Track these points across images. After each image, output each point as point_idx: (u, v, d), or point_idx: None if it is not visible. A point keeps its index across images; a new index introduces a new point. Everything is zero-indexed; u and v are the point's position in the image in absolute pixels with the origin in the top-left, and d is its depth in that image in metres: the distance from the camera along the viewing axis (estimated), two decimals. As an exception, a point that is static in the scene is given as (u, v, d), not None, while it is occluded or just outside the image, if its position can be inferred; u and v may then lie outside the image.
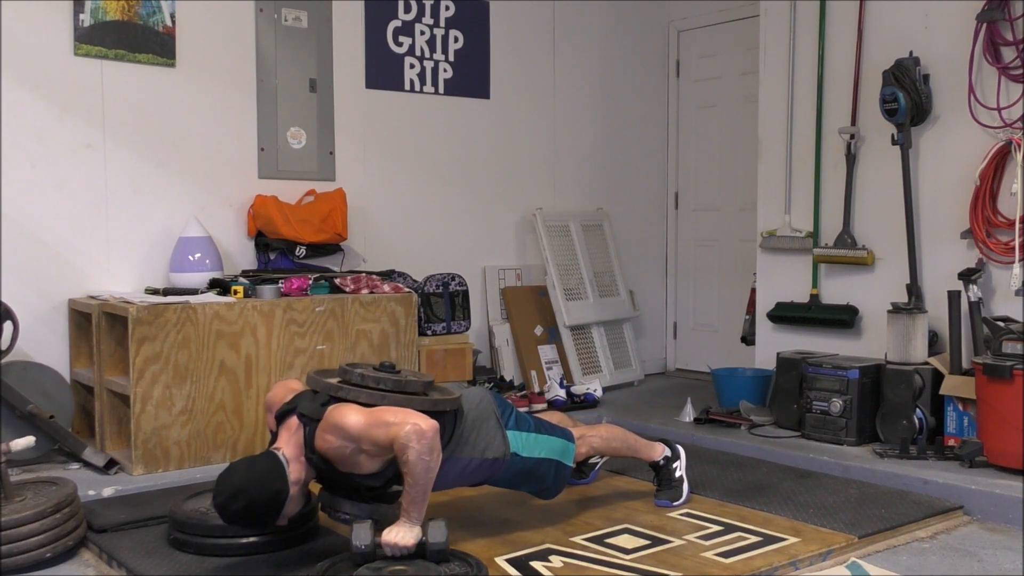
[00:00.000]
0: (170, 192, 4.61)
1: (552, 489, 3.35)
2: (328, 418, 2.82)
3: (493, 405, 3.18)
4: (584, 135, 6.23)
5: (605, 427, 3.68)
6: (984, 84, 4.34)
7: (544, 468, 3.25)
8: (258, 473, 2.83)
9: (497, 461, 3.12)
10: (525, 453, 3.18)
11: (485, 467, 3.11)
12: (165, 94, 4.57)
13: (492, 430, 3.12)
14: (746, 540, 3.19)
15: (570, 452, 3.34)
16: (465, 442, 3.06)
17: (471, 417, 3.10)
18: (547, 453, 3.25)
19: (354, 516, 2.89)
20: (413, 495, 2.78)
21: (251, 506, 2.80)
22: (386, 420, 2.78)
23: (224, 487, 2.81)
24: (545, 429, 3.30)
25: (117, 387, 4.04)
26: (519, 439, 3.18)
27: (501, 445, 3.12)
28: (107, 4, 4.36)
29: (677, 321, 6.67)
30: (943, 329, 4.34)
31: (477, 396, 3.20)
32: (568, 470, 3.35)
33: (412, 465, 2.74)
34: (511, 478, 3.22)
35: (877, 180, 4.76)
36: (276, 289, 4.36)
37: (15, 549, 2.93)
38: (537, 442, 3.23)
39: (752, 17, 5.70)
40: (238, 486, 2.79)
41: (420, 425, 2.75)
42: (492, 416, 3.14)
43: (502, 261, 5.87)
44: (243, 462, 2.91)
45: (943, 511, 3.55)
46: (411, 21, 5.38)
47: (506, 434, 3.15)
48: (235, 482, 2.80)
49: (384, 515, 2.89)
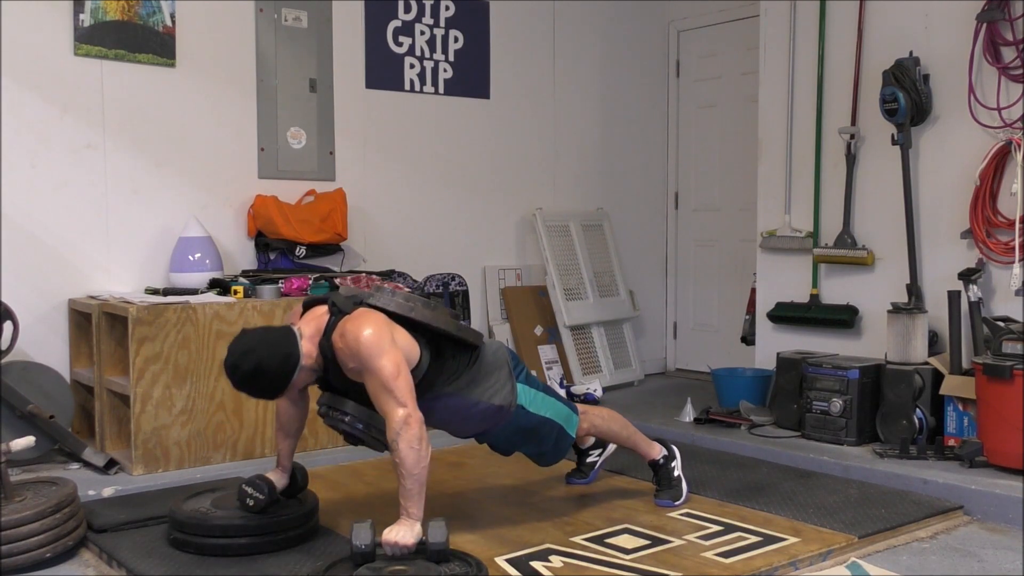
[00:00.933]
0: (170, 192, 4.61)
1: (551, 454, 3.37)
2: (353, 316, 2.88)
3: (508, 357, 3.23)
4: (584, 135, 6.23)
5: (607, 409, 3.68)
6: (984, 84, 4.34)
7: (546, 429, 3.28)
8: (271, 336, 2.90)
9: (502, 409, 3.15)
10: (531, 408, 3.22)
11: (491, 414, 3.14)
12: (165, 94, 4.57)
13: (503, 379, 3.16)
14: (746, 540, 3.18)
15: (573, 422, 3.37)
16: (476, 384, 3.10)
17: (487, 361, 3.15)
18: (551, 414, 3.28)
19: (353, 420, 2.92)
20: (408, 488, 2.78)
21: (261, 367, 2.83)
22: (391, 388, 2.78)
23: (236, 347, 2.87)
24: (553, 394, 3.36)
25: (117, 387, 4.04)
26: (527, 394, 3.23)
27: (509, 395, 3.16)
28: (107, 4, 4.36)
29: (677, 321, 6.67)
30: (943, 329, 4.34)
31: (495, 345, 3.25)
32: (569, 440, 3.37)
33: (403, 455, 2.75)
34: (512, 434, 3.25)
35: (877, 180, 4.76)
36: (276, 289, 4.36)
37: (15, 549, 2.93)
38: (544, 402, 3.28)
39: (752, 17, 5.70)
40: (249, 345, 2.85)
41: (412, 414, 2.77)
42: (505, 366, 3.19)
43: (502, 261, 5.87)
44: (256, 328, 2.98)
45: (943, 511, 3.55)
46: (411, 21, 5.38)
47: (516, 386, 3.19)
48: (247, 342, 2.87)
49: (380, 425, 2.88)
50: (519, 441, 3.30)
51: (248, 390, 2.94)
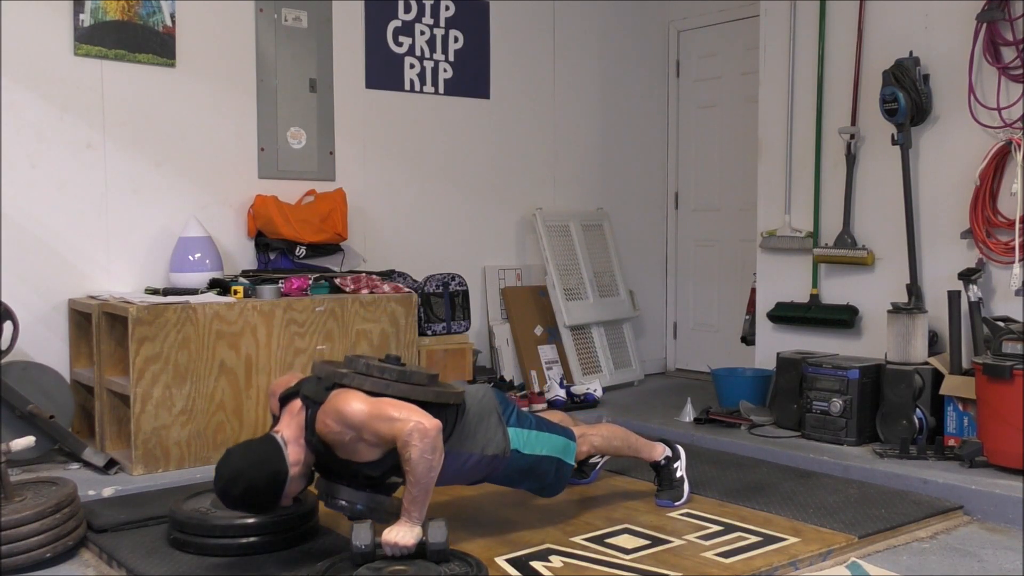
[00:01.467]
0: (170, 192, 4.61)
1: (553, 487, 3.34)
2: (331, 402, 2.83)
3: (495, 402, 3.18)
4: (584, 135, 6.23)
5: (606, 426, 3.68)
6: (984, 84, 4.34)
7: (545, 466, 3.25)
8: (255, 456, 2.85)
9: (497, 458, 3.11)
10: (526, 450, 3.18)
11: (484, 464, 3.11)
12: (165, 94, 4.57)
13: (493, 426, 3.11)
14: (746, 540, 3.18)
15: (571, 450, 3.33)
16: (466, 437, 3.05)
17: (473, 413, 3.09)
18: (548, 451, 3.24)
19: (351, 504, 2.89)
20: (414, 494, 2.77)
21: (251, 489, 2.81)
22: (390, 415, 2.77)
23: (223, 472, 2.83)
24: (546, 427, 3.30)
25: (117, 387, 4.04)
26: (520, 436, 3.18)
27: (501, 442, 3.12)
28: (107, 4, 4.36)
29: (677, 321, 6.67)
30: (943, 329, 4.34)
31: (480, 392, 3.20)
32: (569, 468, 3.34)
33: (414, 464, 2.74)
34: (511, 475, 3.22)
35: (877, 180, 4.76)
36: (276, 289, 4.36)
37: (15, 549, 2.93)
38: (538, 440, 3.22)
39: (752, 17, 5.70)
40: (236, 469, 2.81)
41: (423, 423, 2.75)
42: (494, 412, 3.14)
43: (502, 261, 5.87)
44: (240, 446, 2.93)
45: (943, 511, 3.55)
46: (411, 21, 5.38)
47: (507, 431, 3.14)
48: (233, 466, 2.82)
49: (381, 504, 2.89)
50: (520, 480, 3.27)
51: (243, 510, 2.94)
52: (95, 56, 4.36)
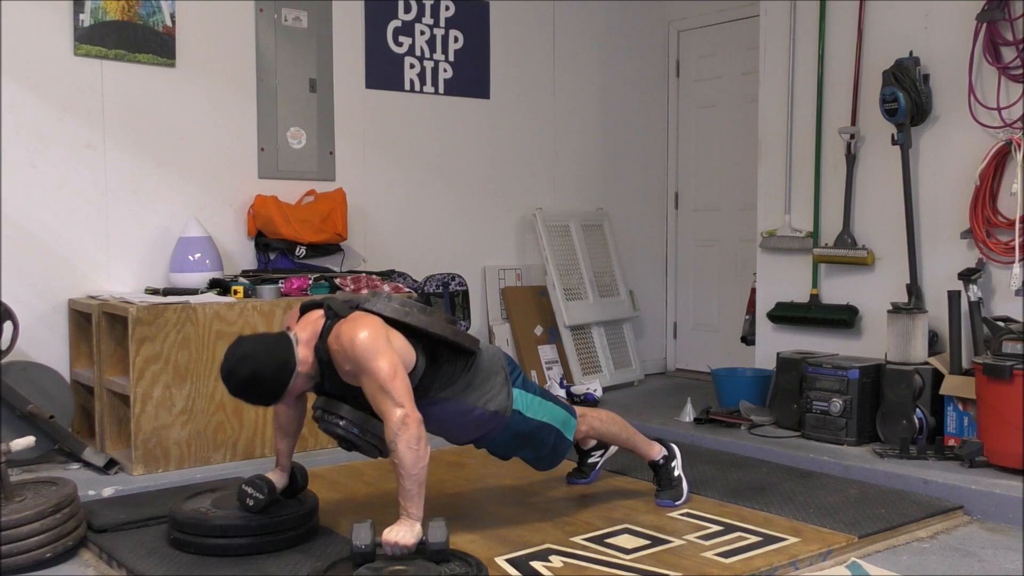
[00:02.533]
0: (170, 192, 4.61)
1: (549, 459, 3.36)
2: (349, 320, 2.87)
3: (504, 362, 3.23)
4: (584, 135, 6.23)
5: (605, 411, 3.68)
6: (984, 84, 4.34)
7: (544, 434, 3.27)
8: (266, 343, 2.90)
9: (498, 415, 3.14)
10: (528, 413, 3.22)
11: (485, 419, 3.13)
12: (165, 94, 4.57)
13: (499, 384, 3.15)
14: (746, 540, 3.18)
15: (571, 425, 3.37)
16: (472, 389, 3.10)
17: (483, 367, 3.14)
18: (549, 419, 3.28)
19: (348, 425, 2.91)
20: (407, 489, 2.78)
21: (257, 374, 2.83)
22: (386, 385, 2.77)
23: (232, 354, 2.87)
24: (550, 398, 3.35)
25: (117, 387, 4.04)
26: (524, 399, 3.22)
27: (505, 400, 3.15)
28: (107, 4, 4.36)
29: (677, 321, 6.67)
30: (943, 329, 4.34)
31: (491, 350, 3.25)
32: (567, 444, 3.37)
33: (402, 455, 2.75)
34: (510, 440, 3.24)
35: (877, 180, 4.76)
36: (276, 289, 4.36)
37: (15, 549, 2.93)
38: (541, 406, 3.27)
39: (752, 17, 5.70)
40: (246, 352, 2.85)
41: (411, 414, 2.77)
42: (501, 372, 3.18)
43: (502, 261, 5.87)
44: (251, 335, 2.98)
45: (943, 511, 3.55)
46: (411, 21, 5.38)
47: (512, 391, 3.18)
48: (243, 349, 2.87)
49: (375, 429, 2.88)
50: (516, 446, 3.30)
51: (244, 397, 2.95)
52: (95, 56, 4.36)
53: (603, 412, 3.65)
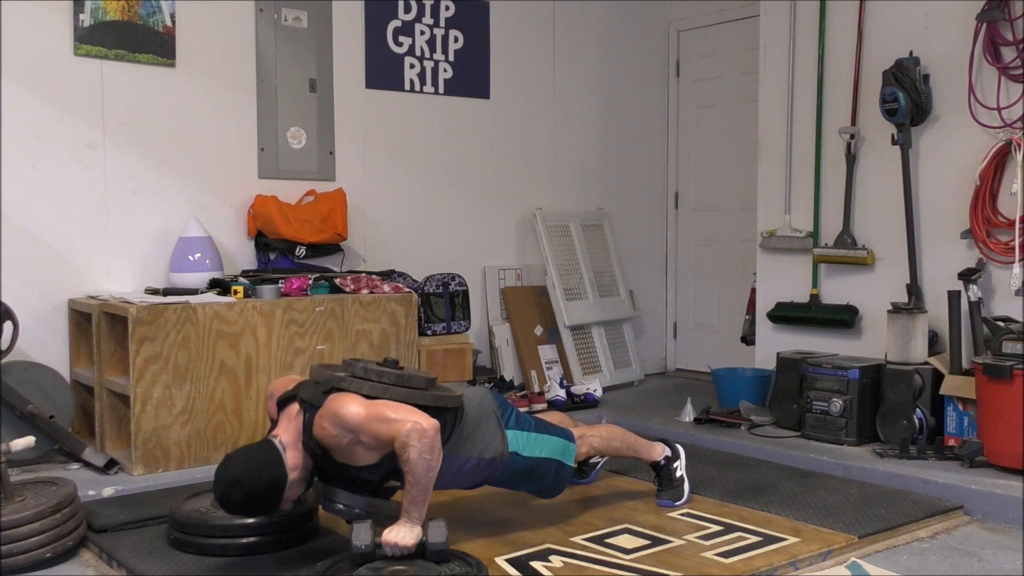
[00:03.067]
0: (170, 192, 4.61)
1: (552, 489, 3.34)
2: (328, 405, 2.82)
3: (494, 405, 3.18)
4: (584, 135, 6.23)
5: (605, 427, 3.68)
6: (984, 84, 4.34)
7: (544, 468, 3.25)
8: (254, 461, 2.84)
9: (495, 461, 3.11)
10: (525, 452, 3.18)
11: (483, 467, 3.11)
12: (165, 94, 4.57)
13: (492, 430, 3.11)
14: (746, 540, 3.18)
15: (571, 452, 3.33)
16: (464, 441, 3.05)
17: (471, 416, 3.09)
18: (547, 453, 3.24)
19: (349, 508, 2.89)
20: (414, 494, 2.77)
21: (251, 494, 2.81)
22: (387, 416, 2.77)
23: (222, 478, 2.83)
24: (545, 429, 3.29)
25: (117, 387, 4.04)
26: (519, 438, 3.17)
27: (500, 445, 3.11)
28: (107, 4, 4.36)
29: (677, 321, 6.67)
30: (943, 329, 4.34)
31: (478, 395, 3.19)
32: (569, 470, 3.34)
33: (413, 464, 2.74)
34: (511, 477, 3.22)
35: (877, 180, 4.76)
36: (276, 289, 4.36)
37: (15, 549, 2.93)
38: (537, 441, 3.22)
39: (752, 17, 5.70)
40: (235, 476, 2.81)
41: (421, 424, 2.75)
42: (492, 416, 3.14)
43: (502, 261, 5.87)
44: (239, 452, 2.91)
45: (943, 511, 3.55)
46: (411, 21, 5.38)
47: (506, 434, 3.14)
48: (232, 472, 2.82)
49: (379, 508, 2.89)
50: (519, 482, 3.27)
51: (243, 515, 2.96)
52: (95, 56, 4.36)
53: (602, 428, 3.63)
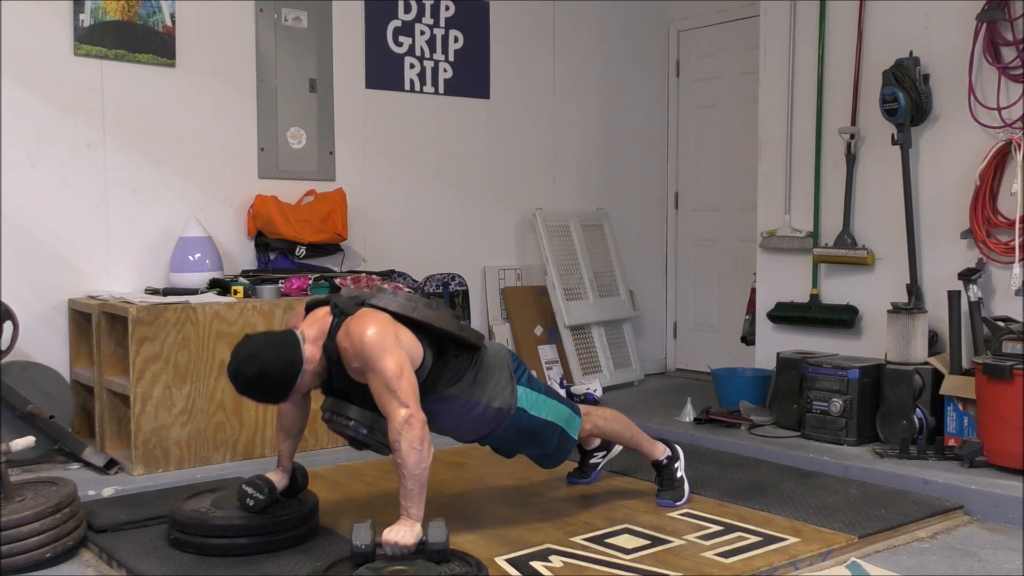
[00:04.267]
0: (170, 192, 4.61)
1: (554, 456, 3.37)
2: (356, 317, 2.87)
3: (509, 359, 3.23)
4: (584, 135, 6.23)
5: (610, 410, 3.67)
6: (984, 84, 4.34)
7: (548, 432, 3.28)
8: (274, 341, 2.89)
9: (502, 412, 3.14)
10: (532, 411, 3.22)
11: (490, 416, 3.13)
12: (165, 94, 4.57)
13: (503, 381, 3.16)
14: (746, 540, 3.18)
15: (575, 424, 3.37)
16: (476, 386, 3.10)
17: (488, 364, 3.14)
18: (553, 417, 3.28)
19: (357, 424, 2.91)
20: (409, 489, 2.78)
21: (264, 372, 2.83)
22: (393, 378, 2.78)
23: (239, 352, 2.86)
24: (554, 396, 3.35)
25: (117, 387, 4.04)
26: (528, 396, 3.22)
27: (509, 397, 3.15)
28: (107, 4, 4.36)
29: (677, 321, 6.67)
30: (943, 329, 4.34)
31: (495, 346, 3.26)
32: (572, 442, 3.38)
33: (405, 455, 2.76)
34: (514, 436, 3.25)
35: (877, 180, 4.76)
36: (276, 289, 4.36)
37: (15, 549, 2.93)
38: (546, 404, 3.27)
39: (752, 17, 5.70)
40: (252, 351, 2.84)
41: (415, 415, 2.77)
42: (506, 368, 3.19)
43: (502, 261, 5.87)
44: (259, 334, 2.97)
45: (943, 511, 3.55)
46: (411, 21, 5.38)
47: (516, 388, 3.18)
48: (250, 347, 2.86)
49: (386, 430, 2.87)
50: (521, 443, 3.31)
51: (251, 395, 2.94)
52: (95, 56, 4.36)
53: (608, 411, 3.64)
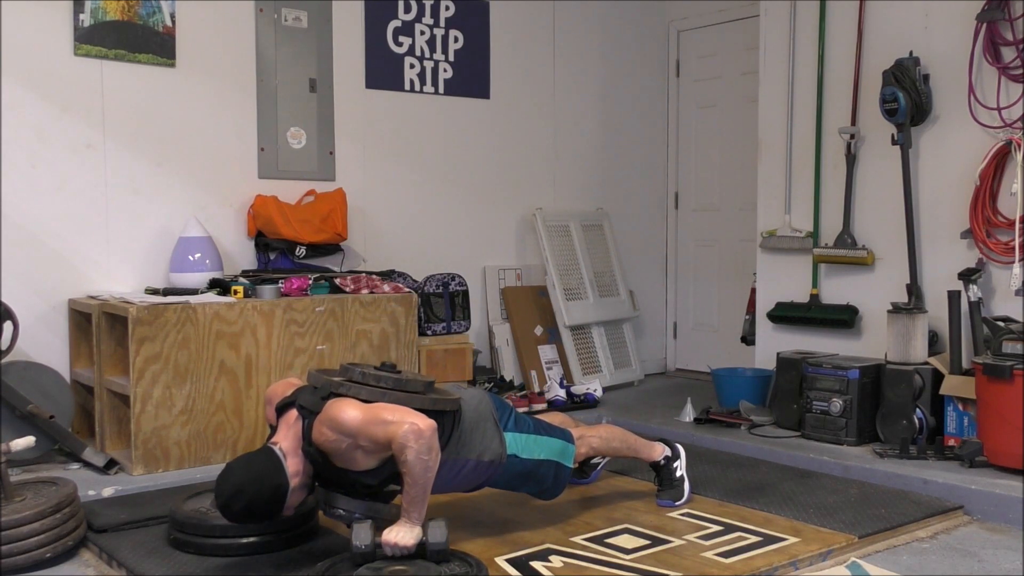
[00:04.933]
0: (170, 192, 4.61)
1: (552, 490, 3.34)
2: (327, 411, 2.81)
3: (491, 407, 3.17)
4: (584, 135, 6.23)
5: (605, 427, 3.67)
6: (984, 84, 4.34)
7: (544, 469, 3.25)
8: (256, 470, 2.84)
9: (494, 464, 3.11)
10: (524, 455, 3.18)
11: (482, 470, 3.11)
12: (165, 94, 4.57)
13: (490, 432, 3.11)
14: (746, 540, 3.19)
15: (570, 453, 3.33)
16: (463, 444, 3.04)
17: (469, 419, 3.08)
18: (546, 454, 3.24)
19: (349, 513, 2.88)
20: (413, 495, 2.77)
21: (253, 504, 2.80)
22: (384, 418, 2.77)
23: (224, 488, 2.82)
24: (544, 430, 3.29)
25: (117, 387, 4.04)
26: (518, 440, 3.17)
27: (498, 448, 3.11)
28: (107, 4, 4.36)
29: (677, 321, 6.67)
30: (943, 329, 4.34)
31: (476, 398, 3.19)
32: (568, 471, 3.34)
33: (411, 465, 2.74)
34: (510, 480, 3.22)
35: (877, 180, 4.76)
36: (276, 289, 4.36)
37: (15, 549, 2.93)
38: (536, 443, 3.22)
39: (752, 17, 5.70)
40: (237, 486, 2.80)
41: (418, 424, 2.75)
42: (490, 418, 3.13)
43: (502, 261, 5.87)
44: (240, 460, 2.91)
45: (943, 511, 3.55)
46: (411, 21, 5.38)
47: (504, 437, 3.14)
48: (234, 482, 2.81)
49: (379, 513, 2.89)
50: (519, 484, 3.27)
51: (245, 523, 2.94)
52: (95, 56, 4.36)
53: (602, 428, 3.63)
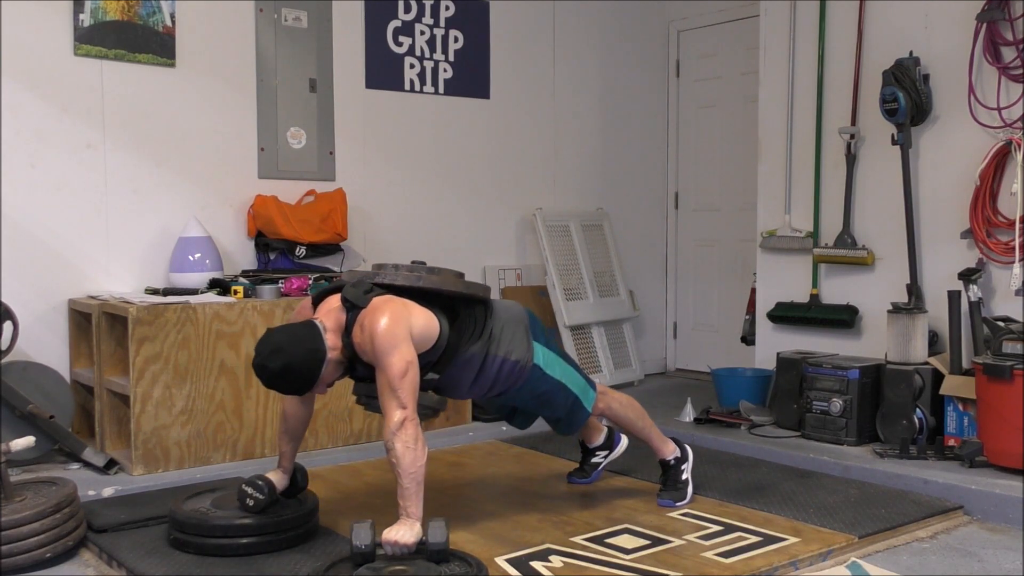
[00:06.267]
0: (170, 192, 4.61)
1: (565, 422, 3.43)
2: (369, 309, 2.91)
3: (525, 315, 3.29)
4: (584, 135, 6.23)
5: (628, 397, 3.67)
6: (984, 84, 4.34)
7: (562, 397, 3.33)
8: (296, 333, 2.93)
9: (518, 365, 3.18)
10: (548, 370, 3.27)
11: (506, 369, 3.17)
12: (165, 94, 4.57)
13: (520, 335, 3.21)
14: (746, 540, 3.19)
15: (590, 396, 3.42)
16: (492, 339, 3.15)
17: (502, 318, 3.20)
18: (567, 381, 3.33)
19: None
20: (406, 488, 2.80)
21: (290, 365, 2.86)
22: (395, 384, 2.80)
23: (262, 348, 2.89)
24: (572, 363, 3.40)
25: (117, 387, 4.04)
26: (546, 356, 3.28)
27: (525, 352, 3.20)
28: (107, 4, 4.36)
29: (677, 321, 6.67)
30: (943, 329, 4.34)
31: (511, 302, 3.33)
32: (584, 413, 3.42)
33: (400, 455, 2.78)
34: (528, 398, 3.31)
35: (877, 180, 4.76)
36: (276, 289, 4.36)
37: (15, 549, 2.93)
38: (562, 367, 3.33)
39: (752, 17, 5.70)
40: (277, 345, 2.87)
41: (409, 417, 2.80)
42: (523, 324, 3.24)
43: (502, 261, 5.87)
44: (280, 327, 3.01)
45: (943, 511, 3.55)
46: (411, 21, 5.38)
47: (532, 344, 3.23)
48: (274, 341, 2.89)
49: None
50: (536, 405, 3.36)
51: (278, 387, 2.96)
52: (95, 56, 4.36)
53: (624, 396, 3.64)
